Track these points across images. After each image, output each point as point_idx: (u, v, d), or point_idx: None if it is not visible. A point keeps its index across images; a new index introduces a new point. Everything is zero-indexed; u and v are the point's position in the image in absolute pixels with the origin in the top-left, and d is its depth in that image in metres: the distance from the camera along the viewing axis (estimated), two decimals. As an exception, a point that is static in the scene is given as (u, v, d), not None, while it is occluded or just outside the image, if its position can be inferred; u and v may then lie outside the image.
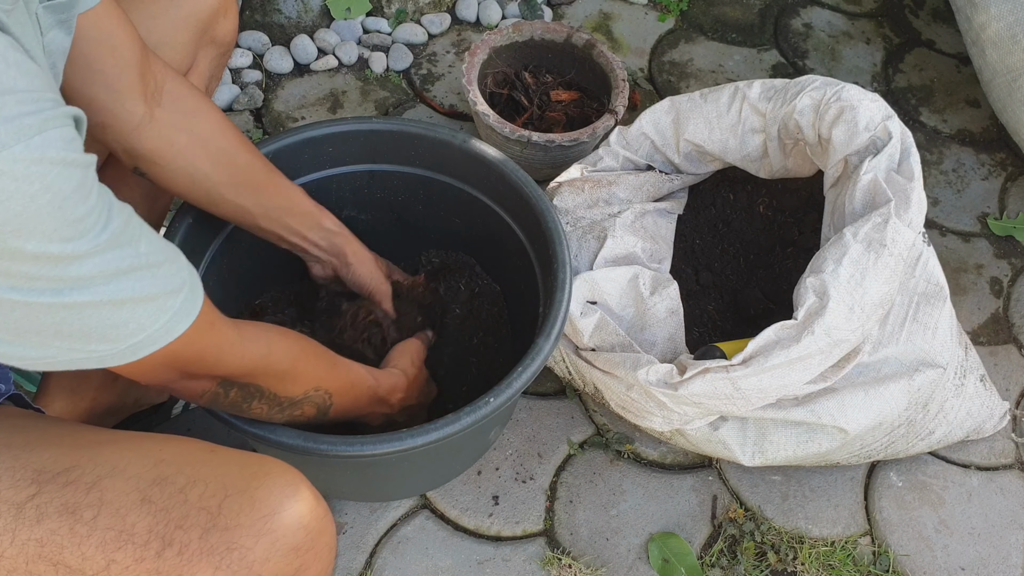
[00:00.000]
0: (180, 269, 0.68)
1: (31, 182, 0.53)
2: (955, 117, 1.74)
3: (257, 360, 0.81)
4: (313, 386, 0.89)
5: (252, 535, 0.68)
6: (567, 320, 1.14)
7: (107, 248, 0.59)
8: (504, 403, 0.94)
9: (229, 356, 0.77)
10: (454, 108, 1.66)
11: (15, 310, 0.57)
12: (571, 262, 1.05)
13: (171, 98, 0.91)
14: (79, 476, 0.69)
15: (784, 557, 1.21)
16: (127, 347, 0.65)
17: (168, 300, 0.66)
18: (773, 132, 1.20)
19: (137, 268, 0.62)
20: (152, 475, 0.70)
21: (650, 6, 1.87)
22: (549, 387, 1.35)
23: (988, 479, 1.30)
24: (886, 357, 1.12)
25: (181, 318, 0.67)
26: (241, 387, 0.82)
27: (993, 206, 1.62)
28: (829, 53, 1.83)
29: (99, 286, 0.59)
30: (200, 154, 0.94)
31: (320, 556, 0.73)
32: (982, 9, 1.45)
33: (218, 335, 0.75)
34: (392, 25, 1.76)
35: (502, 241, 1.19)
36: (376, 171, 1.20)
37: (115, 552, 0.67)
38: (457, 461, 1.20)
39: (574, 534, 1.22)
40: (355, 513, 1.21)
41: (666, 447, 1.30)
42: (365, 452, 0.90)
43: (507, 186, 1.13)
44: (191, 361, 0.73)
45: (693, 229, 1.37)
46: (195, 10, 1.00)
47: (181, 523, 0.68)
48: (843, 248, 1.05)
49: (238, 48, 1.67)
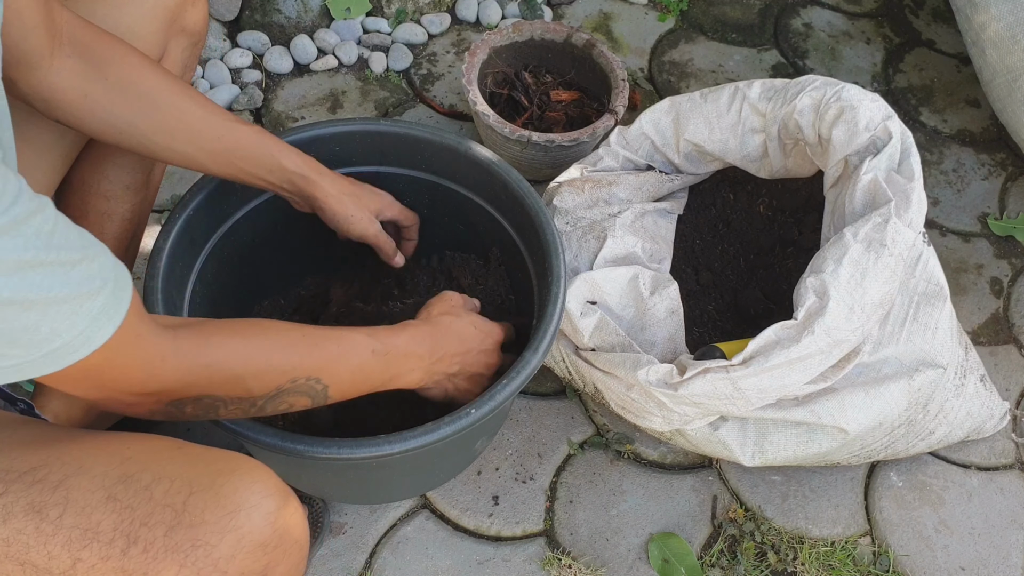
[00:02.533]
0: (102, 267, 0.61)
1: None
2: (955, 117, 1.74)
3: (197, 373, 0.75)
4: (288, 378, 0.81)
5: (217, 532, 0.68)
6: (567, 320, 1.14)
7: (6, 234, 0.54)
8: (487, 415, 0.93)
9: (161, 371, 0.71)
10: (454, 108, 1.66)
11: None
12: (567, 276, 1.05)
13: (79, 48, 0.87)
14: (45, 475, 0.68)
15: (784, 557, 1.21)
16: (43, 355, 0.60)
17: (85, 303, 0.60)
18: (773, 132, 1.20)
19: (46, 263, 0.56)
20: (118, 473, 0.69)
21: (650, 6, 1.87)
22: (549, 387, 1.35)
23: (988, 479, 1.30)
24: (886, 357, 1.12)
25: (102, 324, 0.62)
26: (195, 401, 0.76)
27: (993, 206, 1.62)
28: (829, 53, 1.83)
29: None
30: (119, 102, 0.89)
31: (289, 553, 0.72)
32: (982, 9, 1.45)
33: (146, 348, 0.69)
34: (392, 25, 1.76)
35: (503, 250, 1.19)
36: (382, 173, 1.20)
37: (81, 551, 0.67)
38: (441, 470, 1.19)
39: (574, 534, 1.22)
40: (355, 513, 1.21)
41: (666, 447, 1.30)
42: (341, 455, 0.88)
43: (509, 196, 1.14)
44: (117, 379, 0.68)
45: (693, 229, 1.37)
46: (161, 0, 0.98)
47: (146, 520, 0.67)
48: (843, 248, 1.05)
49: (238, 48, 1.67)
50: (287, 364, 0.81)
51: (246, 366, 0.78)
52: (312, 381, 0.84)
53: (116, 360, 0.66)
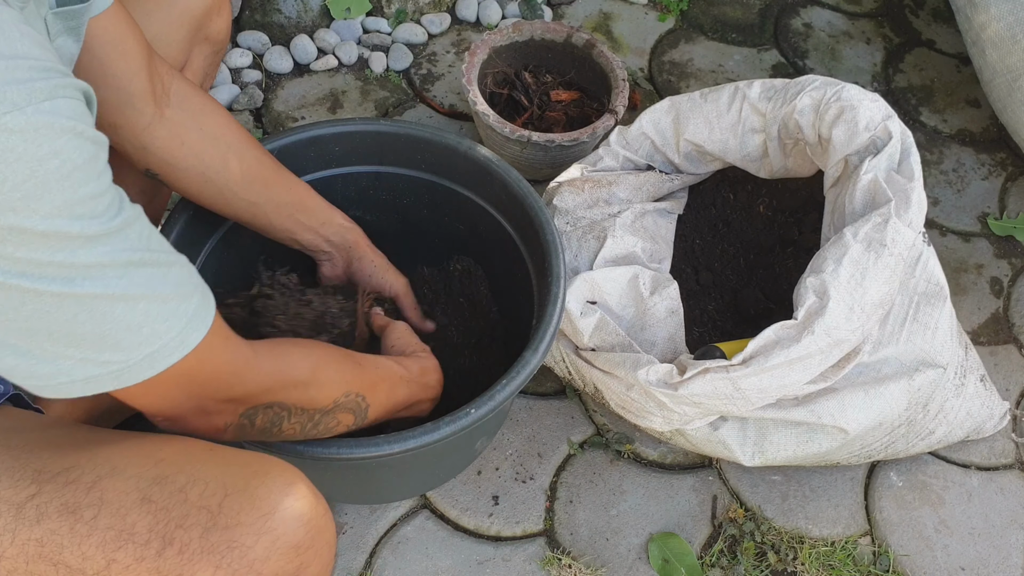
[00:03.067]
0: (191, 274, 0.67)
1: (39, 144, 0.53)
2: (955, 117, 1.74)
3: (276, 373, 0.78)
4: (342, 391, 0.85)
5: (252, 533, 0.68)
6: (567, 320, 1.14)
7: (118, 234, 0.58)
8: (487, 414, 0.93)
9: (246, 373, 0.75)
10: (454, 108, 1.66)
11: (25, 302, 0.56)
12: (566, 276, 1.05)
13: (179, 98, 0.91)
14: (79, 476, 0.69)
15: (784, 557, 1.21)
16: (142, 358, 0.63)
17: (181, 304, 0.64)
18: (773, 132, 1.20)
19: (149, 263, 0.61)
20: (152, 474, 0.69)
21: (650, 6, 1.87)
22: (549, 387, 1.35)
23: (988, 479, 1.30)
24: (886, 357, 1.12)
25: (196, 325, 0.66)
26: (265, 409, 0.79)
27: (993, 206, 1.62)
28: (829, 53, 1.83)
29: (111, 277, 0.58)
30: (210, 151, 0.95)
31: (320, 554, 0.73)
32: (982, 9, 1.45)
33: (233, 350, 0.73)
34: (392, 25, 1.76)
35: (503, 250, 1.19)
36: (382, 173, 1.20)
37: (115, 551, 0.67)
38: (441, 470, 1.19)
39: (574, 534, 1.22)
40: (355, 513, 1.21)
41: (666, 447, 1.30)
42: (341, 455, 0.89)
43: (509, 196, 1.14)
44: (207, 383, 0.71)
45: (693, 229, 1.37)
46: (188, 8, 1.00)
47: (181, 522, 0.68)
48: (843, 248, 1.05)
49: (238, 48, 1.67)
50: (342, 378, 0.86)
51: (313, 373, 0.82)
52: (359, 398, 0.88)
53: (207, 363, 0.69)
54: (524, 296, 1.14)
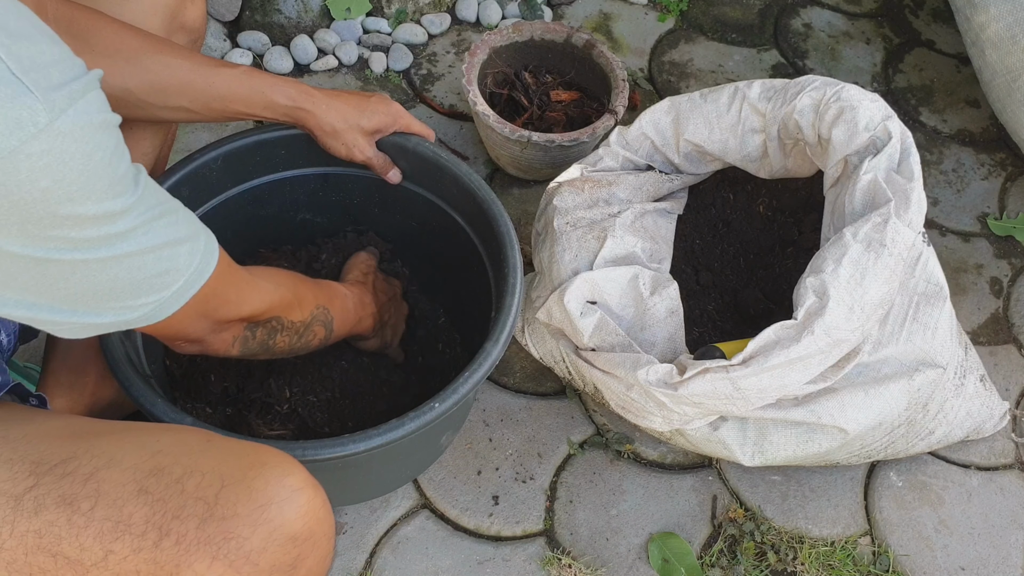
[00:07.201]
0: (191, 215, 0.72)
1: (86, 141, 0.58)
2: (955, 117, 1.74)
3: (271, 294, 0.88)
4: (314, 304, 0.96)
5: (249, 524, 0.68)
6: (568, 320, 1.14)
7: (141, 198, 0.64)
8: (451, 408, 0.94)
9: (248, 293, 0.84)
10: (454, 108, 1.66)
11: (76, 271, 0.62)
12: (521, 267, 1.06)
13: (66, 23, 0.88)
14: (76, 467, 0.69)
15: (784, 557, 1.21)
16: (171, 295, 0.70)
17: (195, 241, 0.71)
18: (773, 132, 1.20)
19: (164, 214, 0.67)
20: (149, 466, 0.70)
21: (650, 6, 1.87)
22: (549, 387, 1.35)
23: (988, 479, 1.30)
24: (886, 357, 1.12)
25: (209, 257, 0.73)
26: (264, 324, 0.89)
27: (993, 206, 1.62)
28: (829, 53, 1.83)
29: (140, 235, 0.64)
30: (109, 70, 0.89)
31: (318, 545, 0.73)
32: (982, 9, 1.45)
33: (237, 274, 0.81)
34: (392, 25, 1.76)
35: (457, 245, 1.19)
36: (330, 174, 1.20)
37: (113, 543, 0.67)
38: (407, 467, 1.20)
39: (574, 534, 1.22)
40: (355, 513, 1.21)
41: (666, 447, 1.30)
42: (307, 457, 0.89)
43: (461, 190, 1.14)
44: (220, 304, 0.79)
45: (693, 229, 1.37)
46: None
47: (178, 513, 0.68)
48: (843, 248, 1.05)
49: (238, 48, 1.67)
50: (312, 294, 0.97)
51: (295, 292, 0.94)
52: (325, 311, 0.99)
53: (219, 287, 0.76)
54: (481, 289, 1.14)
